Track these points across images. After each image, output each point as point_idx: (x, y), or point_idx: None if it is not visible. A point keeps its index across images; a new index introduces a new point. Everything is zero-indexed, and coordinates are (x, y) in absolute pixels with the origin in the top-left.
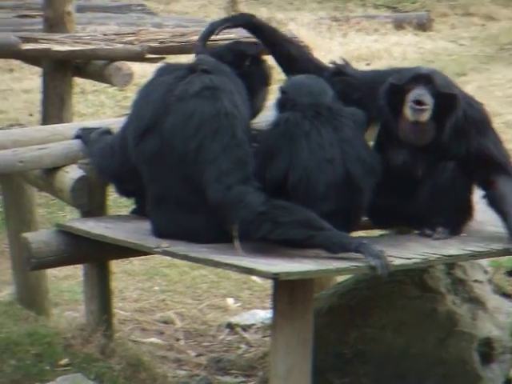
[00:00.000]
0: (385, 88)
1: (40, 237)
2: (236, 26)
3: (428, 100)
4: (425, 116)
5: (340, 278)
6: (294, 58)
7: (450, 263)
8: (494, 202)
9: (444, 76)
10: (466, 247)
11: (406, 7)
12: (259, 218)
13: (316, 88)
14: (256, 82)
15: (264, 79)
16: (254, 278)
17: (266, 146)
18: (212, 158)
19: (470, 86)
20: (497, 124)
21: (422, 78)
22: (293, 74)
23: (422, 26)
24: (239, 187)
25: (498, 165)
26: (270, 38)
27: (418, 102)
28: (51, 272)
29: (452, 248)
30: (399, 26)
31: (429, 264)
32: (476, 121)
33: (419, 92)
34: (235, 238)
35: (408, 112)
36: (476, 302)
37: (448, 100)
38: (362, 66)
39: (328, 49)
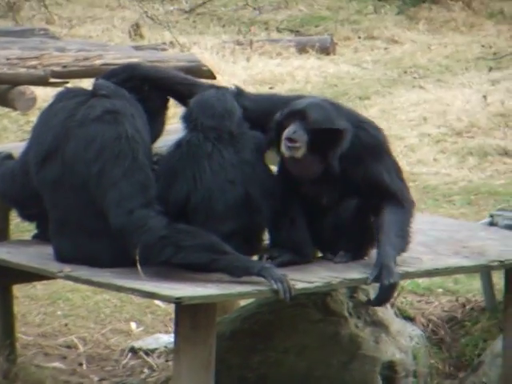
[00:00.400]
0: (272, 122)
1: None
2: (121, 80)
3: (299, 137)
4: (298, 153)
5: (243, 302)
6: (187, 98)
7: (353, 286)
8: (376, 229)
9: (325, 108)
10: (369, 270)
11: (309, 31)
12: (161, 242)
13: (220, 110)
14: (155, 106)
15: (163, 103)
16: (157, 302)
17: (169, 167)
18: (113, 182)
19: (373, 110)
20: (399, 147)
21: (297, 113)
22: None
23: (325, 49)
24: (141, 211)
25: (388, 192)
26: (159, 84)
27: (290, 140)
28: None
29: (354, 272)
30: (302, 49)
31: (331, 288)
32: (370, 146)
33: (291, 129)
34: (137, 263)
35: (282, 148)
36: (379, 325)
37: (324, 135)
38: (265, 90)
39: (232, 72)
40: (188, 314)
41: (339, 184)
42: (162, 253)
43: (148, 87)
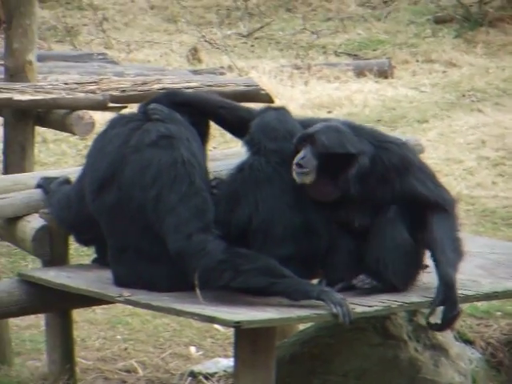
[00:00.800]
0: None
1: (2, 286)
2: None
3: (308, 162)
4: (308, 178)
5: (302, 326)
6: (230, 122)
7: (412, 310)
8: (429, 248)
9: (339, 131)
10: (428, 294)
11: (367, 54)
12: (220, 267)
13: (282, 132)
14: (198, 130)
15: (205, 128)
16: (217, 326)
17: (231, 191)
18: (170, 207)
19: (432, 133)
20: (458, 171)
21: (307, 138)
22: (236, 134)
23: (383, 73)
24: (199, 236)
25: (429, 202)
26: (200, 109)
27: (298, 165)
28: (13, 321)
29: (414, 295)
30: (360, 73)
31: (390, 311)
32: (394, 166)
33: (300, 155)
34: (196, 287)
35: (294, 174)
36: (438, 348)
37: (334, 159)
38: (323, 114)
39: (290, 97)
40: (248, 338)
41: (369, 206)
42: (221, 277)
43: (190, 112)
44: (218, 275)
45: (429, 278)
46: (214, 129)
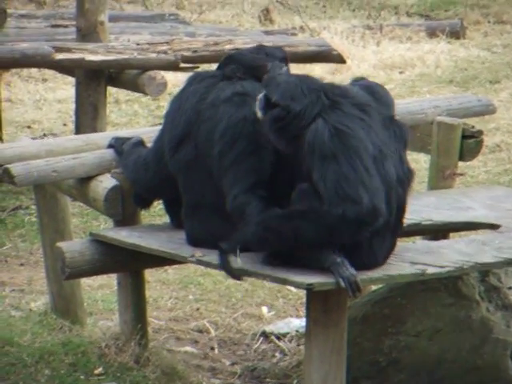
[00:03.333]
0: None
1: (74, 246)
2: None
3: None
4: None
5: (374, 286)
6: None
7: (485, 270)
8: None
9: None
10: (501, 254)
11: (439, 15)
12: (255, 229)
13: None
14: None
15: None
16: (289, 286)
17: None
18: (228, 165)
19: (503, 94)
20: None
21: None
22: None
23: (455, 33)
24: (241, 197)
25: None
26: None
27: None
28: (85, 281)
29: (486, 255)
30: (432, 33)
31: (463, 272)
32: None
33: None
34: (237, 250)
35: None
36: (510, 309)
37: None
38: (395, 74)
39: (361, 57)
40: (319, 299)
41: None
42: (256, 239)
43: (244, 74)
44: (255, 238)
45: (501, 237)
46: None
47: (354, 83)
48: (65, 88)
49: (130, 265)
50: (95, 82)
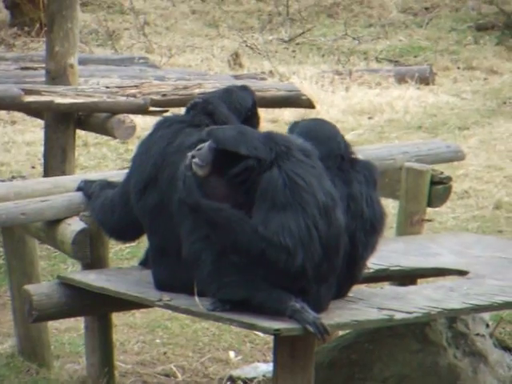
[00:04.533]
0: None
1: (42, 289)
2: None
3: (203, 155)
4: (201, 171)
5: (341, 332)
6: None
7: (452, 317)
8: None
9: (240, 132)
10: (468, 300)
11: (408, 61)
12: (208, 278)
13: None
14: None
15: (257, 127)
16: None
17: None
18: (187, 211)
19: (472, 140)
20: (498, 178)
21: (209, 132)
22: None
23: (425, 79)
24: (198, 244)
25: None
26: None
27: (194, 157)
28: (52, 324)
29: (454, 301)
30: (401, 79)
31: (430, 318)
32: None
33: (198, 147)
34: (195, 295)
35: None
36: (477, 355)
37: (228, 156)
38: (364, 120)
39: (330, 102)
40: (287, 344)
41: None
42: (209, 289)
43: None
44: (207, 286)
45: (469, 283)
46: None
47: (293, 128)
48: (33, 130)
49: (98, 308)
50: (64, 124)
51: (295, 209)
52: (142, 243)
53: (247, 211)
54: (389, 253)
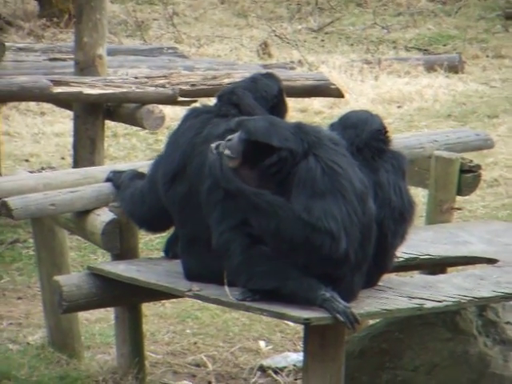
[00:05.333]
0: None
1: (72, 280)
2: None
3: (233, 147)
4: (232, 162)
5: (372, 321)
6: None
7: (482, 305)
8: None
9: (269, 123)
10: (498, 289)
11: (437, 49)
12: (238, 269)
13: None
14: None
15: (285, 115)
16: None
17: None
18: (215, 201)
19: (502, 128)
20: None
21: (239, 123)
22: None
23: (454, 68)
24: (227, 235)
25: None
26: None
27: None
28: (83, 315)
29: (484, 290)
30: (430, 68)
31: (460, 307)
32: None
33: (229, 137)
34: (225, 285)
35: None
36: (508, 343)
37: (259, 147)
38: (393, 109)
39: (360, 91)
40: (317, 333)
41: None
42: (239, 279)
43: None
44: (237, 277)
45: (499, 271)
46: None
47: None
48: (63, 121)
49: (128, 299)
50: (93, 115)
51: (335, 195)
52: None
53: None
54: (418, 241)
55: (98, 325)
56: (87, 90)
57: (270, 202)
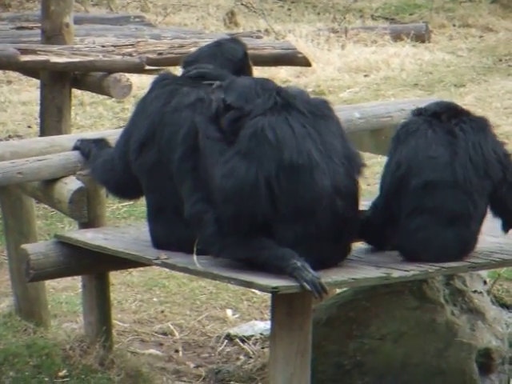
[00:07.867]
0: None
1: (39, 248)
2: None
3: None
4: None
5: (339, 289)
6: None
7: (450, 274)
8: None
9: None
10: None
11: (404, 18)
12: (210, 239)
13: None
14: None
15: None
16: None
17: None
18: (187, 171)
19: (469, 97)
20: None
21: None
22: None
23: (420, 37)
24: (199, 205)
25: None
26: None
27: None
28: (50, 284)
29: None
30: (397, 37)
31: (428, 276)
32: None
33: None
34: (194, 254)
35: None
36: (475, 312)
37: None
38: (360, 78)
39: (326, 60)
40: (284, 302)
41: None
42: (212, 249)
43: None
44: (210, 246)
45: None
46: None
47: None
48: (29, 90)
49: (95, 267)
50: (60, 84)
51: (250, 159)
52: (140, 202)
53: None
54: None
55: (65, 293)
56: (54, 59)
57: (217, 150)
